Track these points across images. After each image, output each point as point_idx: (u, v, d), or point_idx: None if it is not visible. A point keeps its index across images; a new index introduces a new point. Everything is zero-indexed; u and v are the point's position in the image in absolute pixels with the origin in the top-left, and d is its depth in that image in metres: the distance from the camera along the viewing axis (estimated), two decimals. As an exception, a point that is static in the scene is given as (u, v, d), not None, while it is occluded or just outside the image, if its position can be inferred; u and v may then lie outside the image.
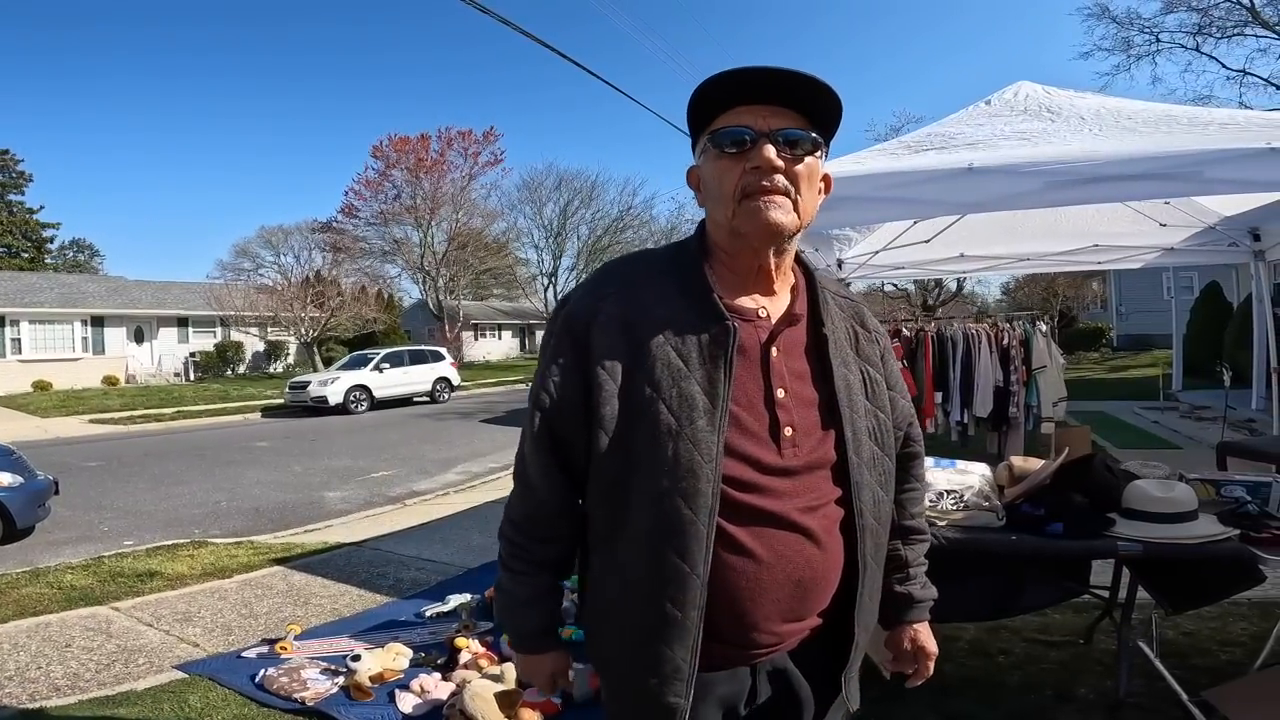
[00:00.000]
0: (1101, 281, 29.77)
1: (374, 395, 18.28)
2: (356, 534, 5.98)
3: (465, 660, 3.21)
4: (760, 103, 1.04)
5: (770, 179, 1.03)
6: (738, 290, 1.11)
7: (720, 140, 1.05)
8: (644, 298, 1.08)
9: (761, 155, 1.02)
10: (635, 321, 1.06)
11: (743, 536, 1.03)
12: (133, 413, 17.38)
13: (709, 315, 1.06)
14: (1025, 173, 2.95)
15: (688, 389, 1.03)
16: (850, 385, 1.12)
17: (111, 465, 10.34)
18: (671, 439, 1.01)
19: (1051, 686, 2.82)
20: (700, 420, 1.02)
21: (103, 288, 29.51)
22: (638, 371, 1.04)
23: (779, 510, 1.04)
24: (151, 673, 3.29)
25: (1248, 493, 2.52)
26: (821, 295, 1.15)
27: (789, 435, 1.06)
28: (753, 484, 1.04)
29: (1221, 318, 14.90)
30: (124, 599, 4.29)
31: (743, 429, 1.05)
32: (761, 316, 1.10)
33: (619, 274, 1.14)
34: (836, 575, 1.09)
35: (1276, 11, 17.21)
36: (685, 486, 1.00)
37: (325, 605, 4.21)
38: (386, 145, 35.66)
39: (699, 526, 1.00)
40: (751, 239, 1.07)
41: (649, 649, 1.04)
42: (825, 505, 1.08)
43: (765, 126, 1.03)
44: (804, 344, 1.12)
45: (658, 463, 1.02)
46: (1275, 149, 2.68)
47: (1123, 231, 5.79)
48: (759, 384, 1.07)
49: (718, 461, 1.01)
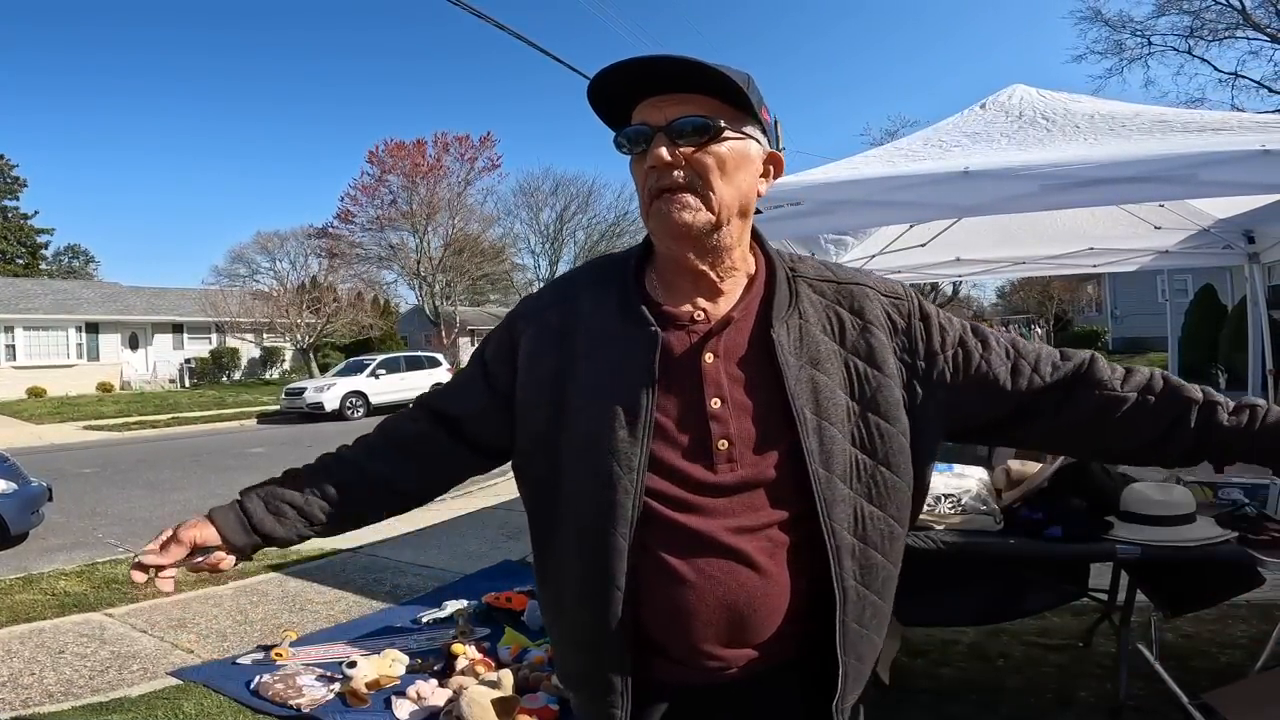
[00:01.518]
0: (1097, 285, 29.85)
1: (370, 401, 18.29)
2: (352, 540, 5.92)
3: (462, 666, 3.19)
4: (661, 93, 0.97)
5: (670, 176, 0.96)
6: (678, 294, 1.04)
7: (620, 143, 1.01)
8: (583, 307, 1.06)
9: (654, 154, 0.96)
10: (570, 329, 1.04)
11: (668, 556, 0.97)
12: (127, 419, 17.36)
13: (634, 322, 1.01)
14: (1021, 176, 2.96)
15: (610, 398, 0.99)
16: (819, 387, 0.99)
17: (106, 471, 10.30)
18: (592, 448, 0.98)
19: (1051, 690, 2.82)
20: (621, 431, 0.97)
21: (97, 294, 29.48)
22: (567, 379, 1.02)
23: (706, 530, 0.97)
24: (146, 679, 3.28)
25: (1245, 495, 2.52)
26: (784, 289, 1.03)
27: (724, 449, 0.98)
28: (679, 500, 0.97)
29: (1217, 320, 14.96)
30: (118, 605, 4.27)
31: (670, 442, 0.98)
32: (697, 320, 1.02)
33: (570, 281, 1.13)
34: (783, 600, 0.99)
35: (1268, 13, 17.32)
36: (603, 498, 0.97)
37: (321, 612, 4.19)
38: (382, 150, 35.62)
39: (617, 539, 0.96)
40: (665, 241, 1.02)
41: (583, 662, 1.03)
42: (769, 526, 0.98)
43: (661, 119, 0.96)
44: (751, 347, 1.01)
45: (578, 472, 1.00)
46: (1268, 151, 2.69)
47: (1117, 234, 5.80)
48: (691, 394, 0.99)
49: (639, 474, 0.96)
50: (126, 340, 27.66)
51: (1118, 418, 1.06)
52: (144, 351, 28.21)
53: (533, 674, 3.09)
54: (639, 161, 0.99)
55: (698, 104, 0.96)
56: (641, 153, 0.98)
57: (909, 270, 6.98)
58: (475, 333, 40.89)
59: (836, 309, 1.05)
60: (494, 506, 7.16)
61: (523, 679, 3.05)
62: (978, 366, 1.07)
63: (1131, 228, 5.51)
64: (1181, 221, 5.31)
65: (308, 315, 27.73)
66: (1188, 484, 2.60)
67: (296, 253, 33.98)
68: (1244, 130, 3.25)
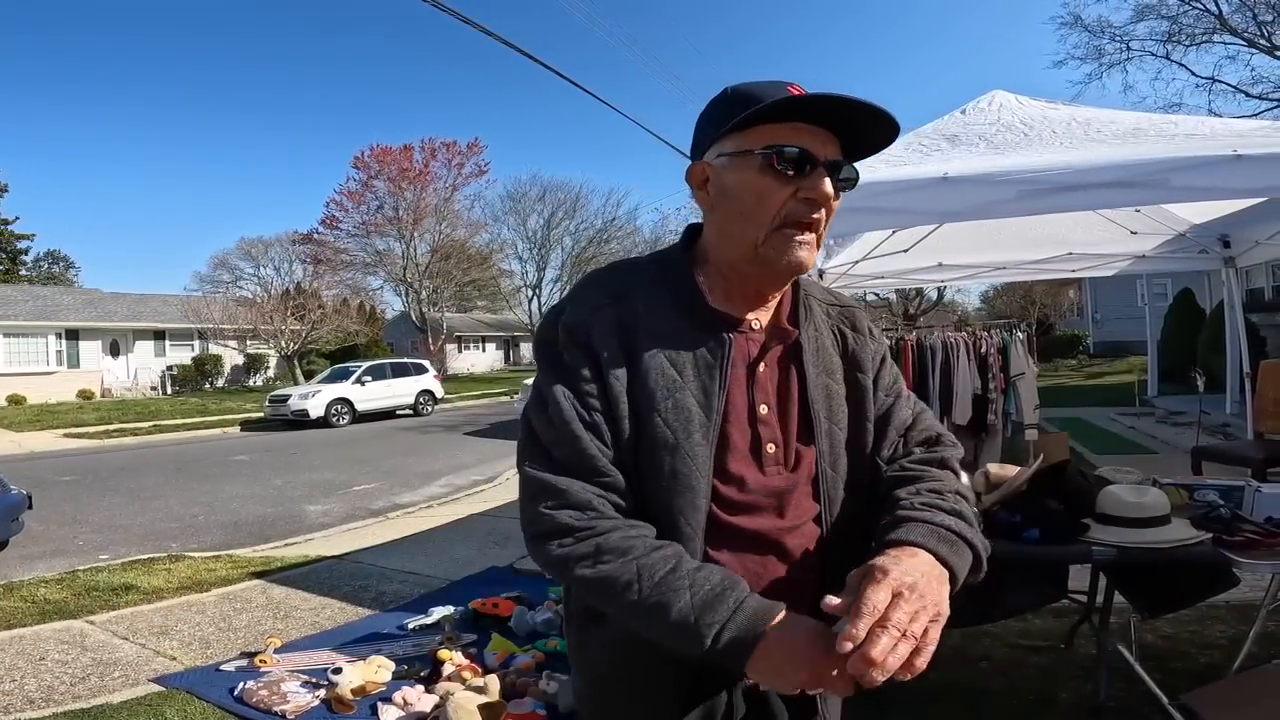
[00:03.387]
0: (1078, 289, 30.21)
1: (356, 408, 18.15)
2: (338, 547, 5.92)
3: (448, 672, 3.19)
4: (815, 124, 0.96)
5: (816, 213, 0.97)
6: (731, 301, 1.05)
7: (782, 158, 0.95)
8: (636, 306, 1.02)
9: (820, 189, 0.96)
10: (630, 331, 1.01)
11: (726, 557, 1.00)
12: (108, 427, 17.13)
13: (704, 326, 1.02)
14: (998, 181, 3.01)
15: (683, 401, 0.98)
16: (831, 395, 1.07)
17: (86, 480, 10.18)
18: (668, 453, 0.97)
19: (1034, 692, 2.83)
20: (696, 434, 0.98)
21: (78, 300, 29.11)
22: (634, 382, 1.00)
23: (757, 529, 1.01)
24: (127, 686, 3.25)
25: (1220, 497, 2.54)
26: (804, 303, 1.10)
27: (771, 452, 1.02)
28: (738, 503, 1.00)
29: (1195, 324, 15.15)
30: (99, 612, 4.23)
31: (730, 446, 1.00)
32: (755, 329, 1.05)
33: (608, 283, 1.07)
34: (810, 591, 0.99)
35: (1245, 18, 17.57)
36: (683, 502, 0.97)
37: (306, 619, 4.16)
38: (369, 156, 35.56)
39: (696, 544, 0.97)
40: (773, 271, 1.00)
41: (637, 662, 1.02)
42: (803, 523, 1.04)
43: (824, 155, 0.96)
44: (786, 355, 1.07)
45: (657, 477, 0.99)
46: (1240, 155, 2.75)
47: (1096, 239, 5.89)
48: (745, 399, 1.03)
49: (709, 477, 0.98)
50: (107, 347, 27.33)
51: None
52: (125, 358, 27.89)
53: (519, 679, 3.09)
54: (781, 182, 0.95)
55: (836, 146, 0.98)
56: (789, 176, 0.96)
57: (892, 275, 7.06)
58: (462, 339, 40.82)
59: (840, 325, 1.14)
60: (482, 513, 7.15)
61: (509, 685, 3.04)
62: (882, 418, 1.13)
63: (1109, 233, 5.60)
64: (1158, 226, 5.40)
65: (292, 322, 27.52)
66: (1163, 486, 2.64)
67: (281, 259, 33.82)
68: (1217, 135, 3.32)
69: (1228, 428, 8.62)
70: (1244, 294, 10.26)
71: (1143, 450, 8.98)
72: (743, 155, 0.97)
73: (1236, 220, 5.31)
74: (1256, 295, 15.62)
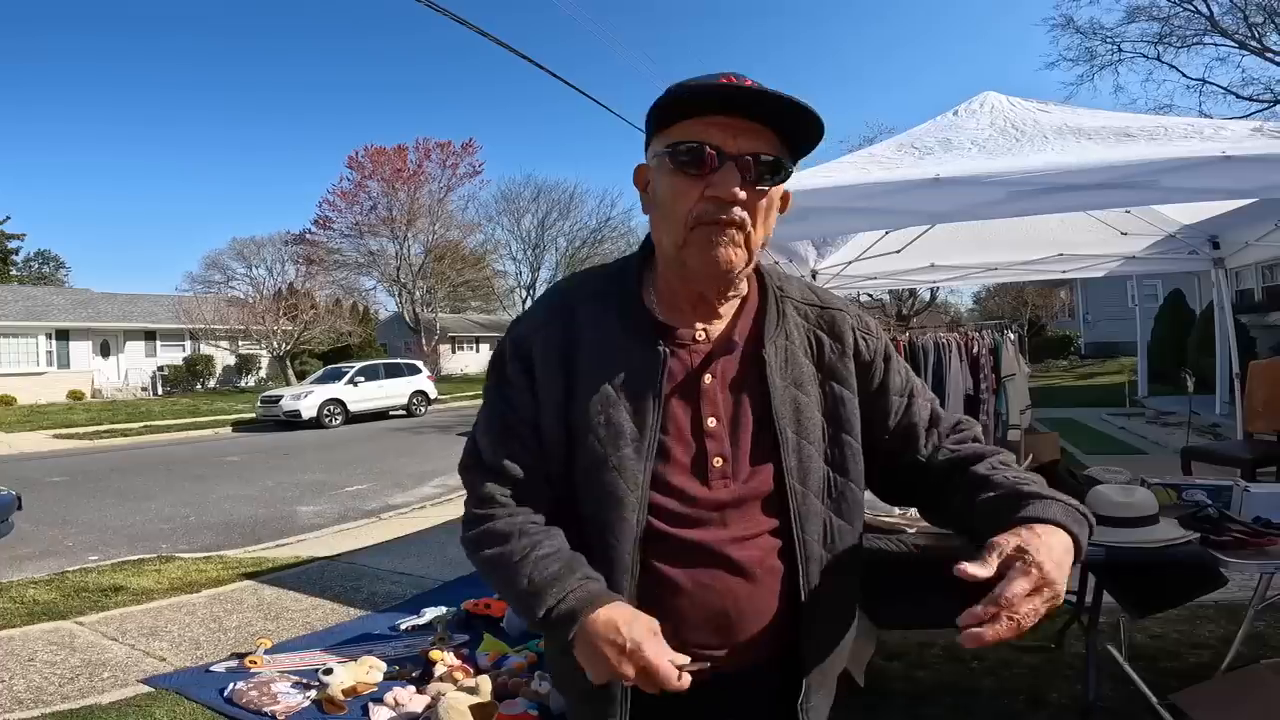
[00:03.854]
0: (1069, 290, 30.36)
1: (349, 409, 18.10)
2: (330, 548, 5.90)
3: (440, 673, 3.18)
4: (732, 114, 0.92)
5: (729, 211, 0.93)
6: (679, 312, 1.04)
7: (680, 156, 0.93)
8: (581, 319, 1.03)
9: (724, 186, 0.91)
10: (571, 347, 1.02)
11: (668, 569, 1.00)
12: (98, 427, 17.03)
13: (643, 339, 1.01)
14: (989, 183, 3.02)
15: (616, 417, 0.99)
16: (800, 407, 1.03)
17: (76, 480, 10.12)
18: (598, 467, 0.98)
19: (1024, 691, 2.84)
20: (627, 449, 0.98)
21: (68, 300, 28.94)
22: (571, 398, 1.01)
23: (703, 542, 1.00)
24: (116, 687, 3.23)
25: (1209, 496, 2.55)
26: (774, 310, 1.06)
27: (718, 466, 1.01)
28: (679, 516, 1.00)
29: (1185, 325, 15.29)
30: (88, 613, 4.20)
31: (670, 460, 1.00)
32: (699, 340, 1.03)
33: (559, 297, 1.09)
34: (771, 605, 1.03)
35: (1235, 20, 17.67)
36: (610, 516, 0.98)
37: (297, 619, 4.15)
38: (363, 156, 35.44)
39: (622, 554, 0.98)
40: (696, 274, 0.99)
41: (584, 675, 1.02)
42: (759, 535, 1.02)
43: (734, 148, 0.92)
44: (744, 366, 1.03)
45: (587, 491, 1.00)
46: (1230, 157, 2.76)
47: (1086, 240, 5.91)
48: (689, 413, 1.01)
49: (644, 491, 0.98)
50: (98, 348, 27.17)
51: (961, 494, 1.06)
52: (116, 359, 27.72)
53: (511, 680, 3.08)
54: (690, 182, 0.93)
55: (767, 139, 0.93)
56: (694, 174, 0.93)
57: (885, 276, 7.08)
58: (456, 339, 40.71)
59: (817, 332, 1.09)
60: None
61: (501, 685, 3.04)
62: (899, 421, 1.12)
63: (1099, 234, 5.62)
64: (1148, 228, 5.43)
65: (284, 322, 27.41)
66: (1151, 486, 2.65)
67: (273, 259, 33.71)
68: (1207, 137, 3.34)
69: (1217, 428, 8.69)
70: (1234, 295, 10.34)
71: (1133, 450, 9.04)
72: (660, 155, 0.97)
73: (1226, 221, 5.34)
74: (1246, 296, 15.73)
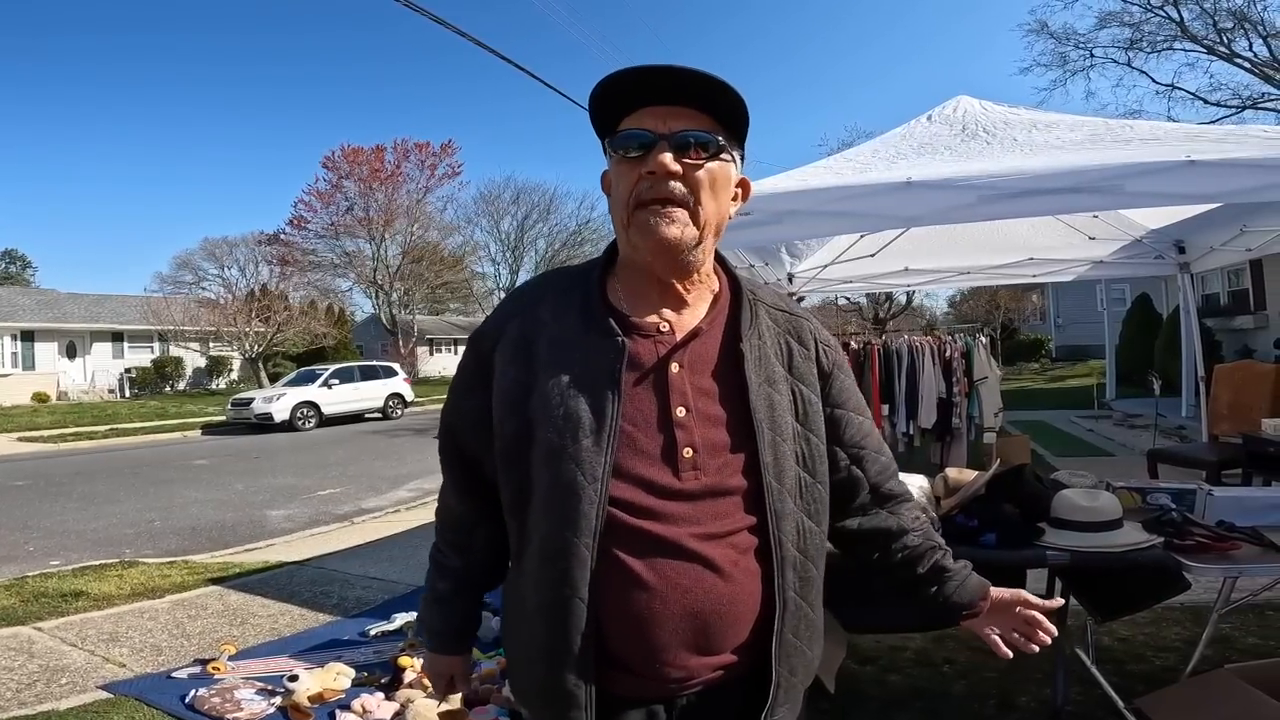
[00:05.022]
0: (1041, 294, 30.83)
1: (323, 412, 17.87)
2: (300, 552, 5.80)
3: (410, 680, 3.13)
4: (663, 103, 0.99)
5: (665, 187, 0.98)
6: (644, 304, 1.06)
7: (619, 144, 1.01)
8: (543, 315, 1.06)
9: (656, 160, 0.97)
10: (532, 339, 1.04)
11: (633, 563, 0.97)
12: (63, 431, 16.70)
13: (604, 330, 1.02)
14: (959, 187, 3.05)
15: (574, 407, 0.99)
16: (774, 405, 1.04)
17: (39, 484, 9.88)
18: (555, 458, 0.98)
19: (994, 696, 2.84)
20: (585, 440, 0.97)
21: (33, 300, 28.33)
22: (532, 390, 1.02)
23: (672, 536, 0.98)
24: (75, 693, 3.16)
25: (1172, 500, 2.58)
26: (747, 308, 1.08)
27: (688, 456, 1.00)
28: (644, 508, 0.98)
29: (1152, 328, 15.57)
30: (47, 619, 4.10)
31: (636, 450, 0.99)
32: (663, 331, 1.04)
33: (527, 292, 1.12)
34: (750, 608, 1.01)
35: (1205, 25, 18.05)
36: (566, 508, 0.97)
37: (264, 625, 4.07)
38: (339, 156, 35.09)
39: (580, 548, 0.96)
40: (644, 252, 1.01)
41: (543, 675, 1.00)
42: (734, 533, 1.00)
43: (665, 129, 0.98)
44: (716, 360, 1.05)
45: (543, 483, 0.99)
46: (1193, 161, 2.81)
47: (1055, 244, 6.01)
48: (656, 403, 1.01)
49: (604, 483, 0.97)
50: (64, 349, 26.64)
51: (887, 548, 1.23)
52: (82, 361, 27.19)
53: (483, 687, 3.04)
54: (630, 166, 0.99)
55: (699, 120, 0.99)
56: (634, 158, 0.99)
57: (861, 280, 7.14)
58: (434, 342, 40.42)
59: (786, 337, 1.12)
60: (447, 516, 7.06)
61: (472, 692, 3.00)
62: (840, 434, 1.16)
63: (1068, 238, 5.71)
64: (1115, 232, 5.53)
65: (257, 324, 27.02)
66: (1116, 490, 2.67)
67: (246, 259, 33.27)
68: (1172, 141, 3.40)
69: (1183, 430, 8.85)
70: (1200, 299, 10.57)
71: (1101, 452, 9.18)
72: (608, 153, 1.04)
73: (1191, 225, 5.46)
74: (1212, 300, 16.10)
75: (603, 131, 1.04)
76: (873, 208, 3.40)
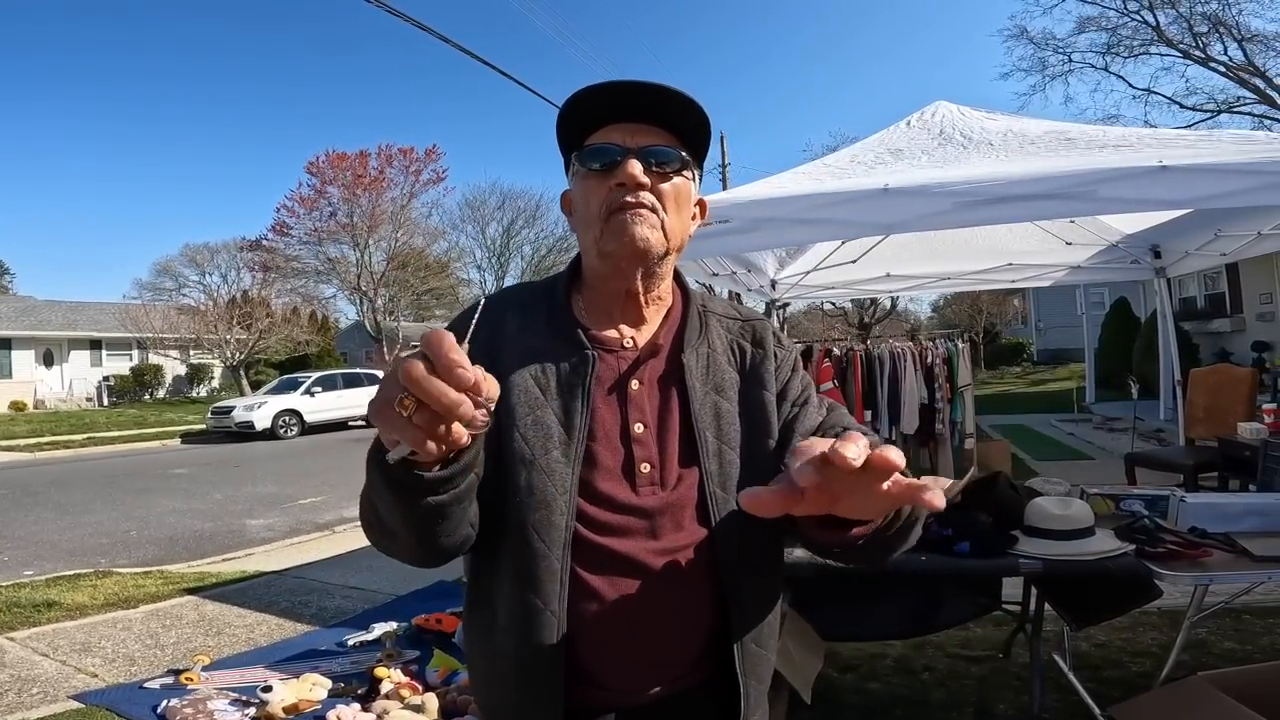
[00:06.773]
0: (1022, 299, 31.16)
1: (305, 420, 17.71)
2: (278, 562, 5.74)
3: (387, 690, 3.10)
4: (629, 120, 1.01)
5: (636, 195, 1.00)
6: (606, 320, 1.08)
7: (587, 158, 1.02)
8: (509, 327, 1.06)
9: (626, 171, 0.99)
10: (498, 350, 1.03)
11: (593, 578, 0.98)
12: (40, 439, 16.47)
13: (571, 344, 1.04)
14: (935, 193, 3.06)
15: (543, 418, 0.99)
16: (719, 412, 1.05)
17: (14, 494, 9.73)
18: (525, 468, 0.98)
19: (972, 703, 2.85)
20: (555, 451, 0.98)
21: (10, 308, 27.94)
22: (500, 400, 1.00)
23: (631, 553, 0.98)
24: (45, 703, 3.12)
25: (1145, 507, 2.60)
26: (694, 319, 1.10)
27: (646, 472, 1.01)
28: (605, 524, 0.99)
29: (1130, 332, 15.72)
30: (19, 629, 4.05)
31: (596, 465, 1.00)
32: (626, 347, 1.06)
33: (492, 304, 1.11)
34: (709, 620, 1.02)
35: (1181, 30, 18.31)
36: (538, 518, 0.96)
37: (240, 635, 4.02)
38: (323, 161, 34.79)
39: (552, 561, 0.96)
40: (618, 258, 1.02)
41: (514, 690, 0.99)
42: (687, 546, 1.01)
43: (633, 143, 1.01)
44: (667, 373, 1.06)
45: (511, 492, 0.98)
46: (1166, 167, 2.83)
47: (1033, 250, 6.07)
48: (617, 418, 1.03)
49: (572, 494, 0.97)
50: (41, 357, 26.27)
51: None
52: (59, 369, 26.81)
53: (460, 697, 3.01)
54: (598, 179, 1.01)
55: (663, 137, 1.02)
56: (601, 171, 1.01)
57: (842, 286, 7.17)
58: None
59: (740, 341, 1.13)
60: (430, 524, 7.00)
61: (450, 702, 2.97)
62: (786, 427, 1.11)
63: (1046, 243, 5.76)
64: (1091, 237, 5.58)
65: (238, 331, 26.75)
66: (1090, 497, 2.69)
67: (228, 266, 32.97)
68: (1144, 146, 3.43)
69: (1161, 433, 8.95)
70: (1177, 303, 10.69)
71: (1080, 456, 9.26)
72: (574, 168, 1.05)
73: (1167, 230, 5.52)
74: (1189, 304, 16.30)
75: (568, 151, 1.06)
76: (851, 215, 3.41)
